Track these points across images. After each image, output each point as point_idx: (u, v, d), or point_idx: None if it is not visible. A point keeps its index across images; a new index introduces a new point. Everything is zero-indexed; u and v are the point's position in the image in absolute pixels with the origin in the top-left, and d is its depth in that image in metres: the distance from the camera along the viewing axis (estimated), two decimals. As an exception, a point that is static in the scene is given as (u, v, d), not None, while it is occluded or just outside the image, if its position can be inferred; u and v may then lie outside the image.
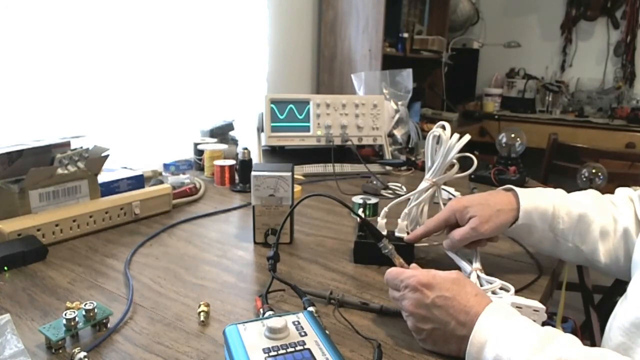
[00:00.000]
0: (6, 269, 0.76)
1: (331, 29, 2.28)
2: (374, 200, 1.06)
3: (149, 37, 1.48)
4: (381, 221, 0.85)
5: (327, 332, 0.54)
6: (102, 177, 1.02)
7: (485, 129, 3.04)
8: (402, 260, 0.75)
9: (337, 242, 0.92)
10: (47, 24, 1.23)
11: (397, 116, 1.65)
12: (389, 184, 1.28)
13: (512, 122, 2.98)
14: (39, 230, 0.84)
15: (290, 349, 0.49)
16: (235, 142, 1.56)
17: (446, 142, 0.81)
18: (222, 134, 1.55)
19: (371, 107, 1.46)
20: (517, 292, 0.69)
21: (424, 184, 0.85)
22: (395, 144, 1.63)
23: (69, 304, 0.65)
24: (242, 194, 1.21)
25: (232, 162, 1.30)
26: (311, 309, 0.62)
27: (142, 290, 0.72)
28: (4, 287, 0.71)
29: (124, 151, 1.25)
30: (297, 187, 1.14)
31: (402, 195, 1.14)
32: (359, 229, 0.83)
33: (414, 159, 1.54)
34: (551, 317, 1.36)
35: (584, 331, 1.51)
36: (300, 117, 1.40)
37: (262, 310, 0.62)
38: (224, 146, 1.39)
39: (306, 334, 0.52)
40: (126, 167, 1.17)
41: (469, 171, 0.84)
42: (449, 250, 0.79)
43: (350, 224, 1.02)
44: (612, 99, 3.09)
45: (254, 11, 1.91)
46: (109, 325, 0.62)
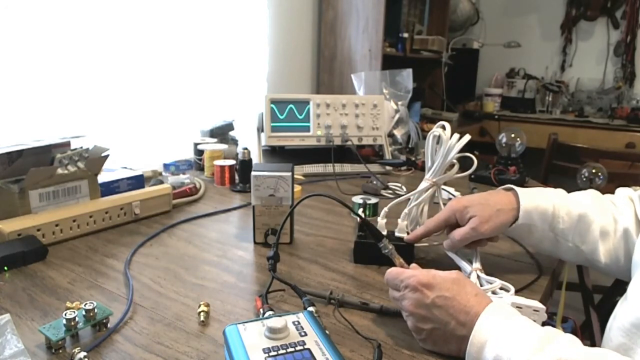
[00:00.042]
0: (6, 269, 0.76)
1: (331, 29, 2.28)
2: (374, 200, 1.06)
3: (149, 37, 1.48)
4: (381, 221, 0.85)
5: (327, 332, 0.54)
6: (102, 177, 1.02)
7: (485, 129, 3.03)
8: (402, 260, 0.75)
9: (337, 242, 0.92)
10: (47, 24, 1.23)
11: (397, 116, 1.65)
12: (389, 184, 1.28)
13: (512, 122, 2.98)
14: (39, 230, 0.84)
15: (290, 349, 0.49)
16: (235, 142, 1.56)
17: (446, 142, 0.81)
18: (222, 134, 1.55)
19: (371, 107, 1.46)
20: (517, 292, 0.69)
21: (424, 184, 0.85)
22: (395, 144, 1.63)
23: (69, 304, 0.65)
24: (242, 194, 1.21)
25: (232, 162, 1.30)
26: (311, 309, 0.62)
27: (142, 290, 0.72)
28: (4, 287, 0.71)
29: (124, 151, 1.25)
30: (297, 187, 1.14)
31: (402, 195, 1.14)
32: (359, 229, 0.83)
33: (414, 159, 1.54)
34: (551, 317, 1.35)
35: (584, 331, 1.51)
36: (300, 117, 1.40)
37: (262, 310, 0.62)
38: (224, 146, 1.39)
39: (306, 334, 0.52)
40: (126, 167, 1.17)
41: (469, 171, 0.84)
42: (449, 250, 0.79)
43: (350, 224, 1.02)
44: (612, 99, 3.09)
45: (254, 11, 1.91)
46: (109, 325, 0.62)
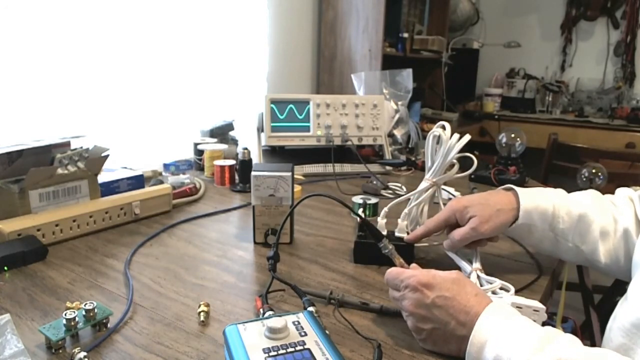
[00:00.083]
0: (6, 269, 0.76)
1: (331, 29, 2.28)
2: (374, 200, 1.06)
3: (149, 37, 1.48)
4: (381, 221, 0.85)
5: (327, 332, 0.54)
6: (102, 177, 1.02)
7: (485, 129, 3.03)
8: (402, 260, 0.75)
9: (337, 242, 0.92)
10: (47, 24, 1.23)
11: (397, 116, 1.65)
12: (389, 184, 1.28)
13: (512, 122, 2.98)
14: (39, 230, 0.84)
15: (290, 349, 0.49)
16: (235, 142, 1.56)
17: (446, 142, 0.81)
18: (222, 134, 1.55)
19: (371, 107, 1.46)
20: (517, 292, 0.69)
21: (424, 184, 0.85)
22: (395, 144, 1.63)
23: (69, 304, 0.65)
24: (242, 194, 1.21)
25: (232, 162, 1.30)
26: (311, 309, 0.62)
27: (142, 290, 0.72)
28: (4, 287, 0.71)
29: (124, 151, 1.25)
30: (297, 187, 1.14)
31: (402, 195, 1.14)
32: (359, 229, 0.83)
33: (414, 159, 1.54)
34: (551, 317, 1.35)
35: (584, 331, 1.51)
36: (300, 117, 1.40)
37: (262, 310, 0.62)
38: (224, 146, 1.39)
39: (306, 334, 0.52)
40: (126, 167, 1.17)
41: (469, 171, 0.84)
42: (449, 250, 0.79)
43: (350, 224, 1.02)
44: (612, 99, 3.09)
45: (254, 11, 1.91)
46: (109, 325, 0.62)
